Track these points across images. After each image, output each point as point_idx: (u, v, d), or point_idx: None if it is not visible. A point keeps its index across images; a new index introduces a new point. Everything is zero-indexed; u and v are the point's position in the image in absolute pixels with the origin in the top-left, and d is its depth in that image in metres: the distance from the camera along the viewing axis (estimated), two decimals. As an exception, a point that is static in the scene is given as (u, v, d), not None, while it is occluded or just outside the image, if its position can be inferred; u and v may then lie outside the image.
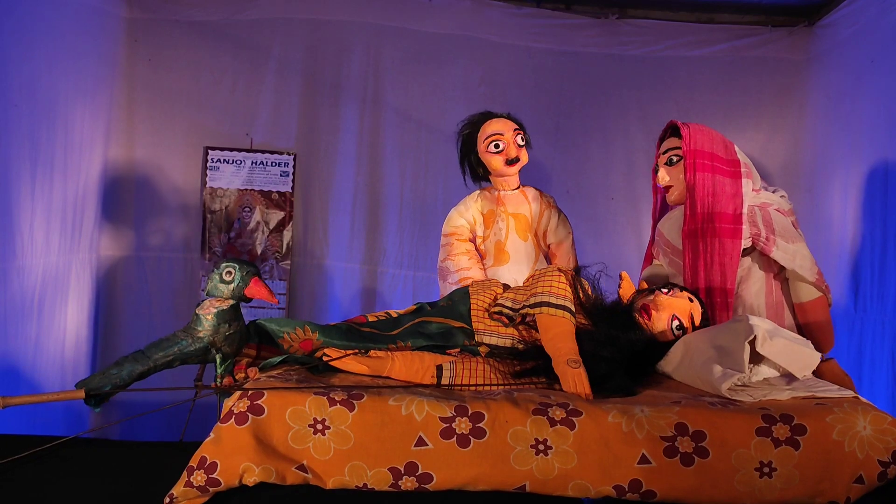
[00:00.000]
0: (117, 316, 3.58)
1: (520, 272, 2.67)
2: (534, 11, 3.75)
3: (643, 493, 1.43)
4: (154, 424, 3.07)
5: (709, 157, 2.36)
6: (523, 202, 2.75)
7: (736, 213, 2.28)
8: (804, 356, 1.67)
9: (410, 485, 1.43)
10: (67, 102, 2.96)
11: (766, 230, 2.27)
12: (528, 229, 2.73)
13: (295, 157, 3.67)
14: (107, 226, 3.51)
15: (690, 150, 2.34)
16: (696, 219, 2.29)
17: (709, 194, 2.30)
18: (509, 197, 2.75)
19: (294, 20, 3.64)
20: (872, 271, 3.07)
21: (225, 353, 1.72)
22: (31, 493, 1.47)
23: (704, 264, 2.25)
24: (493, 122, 2.68)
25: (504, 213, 2.73)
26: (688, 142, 2.34)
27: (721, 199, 2.29)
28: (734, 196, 2.31)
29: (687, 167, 2.33)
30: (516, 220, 2.73)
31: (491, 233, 2.74)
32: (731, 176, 2.35)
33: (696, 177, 2.31)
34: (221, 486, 1.41)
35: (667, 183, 2.41)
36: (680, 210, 2.41)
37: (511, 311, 1.92)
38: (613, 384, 1.66)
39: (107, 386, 1.65)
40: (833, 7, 3.53)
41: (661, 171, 2.42)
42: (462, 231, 2.76)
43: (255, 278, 1.72)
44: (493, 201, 2.75)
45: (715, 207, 2.29)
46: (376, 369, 1.73)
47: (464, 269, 2.70)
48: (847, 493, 1.44)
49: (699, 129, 2.38)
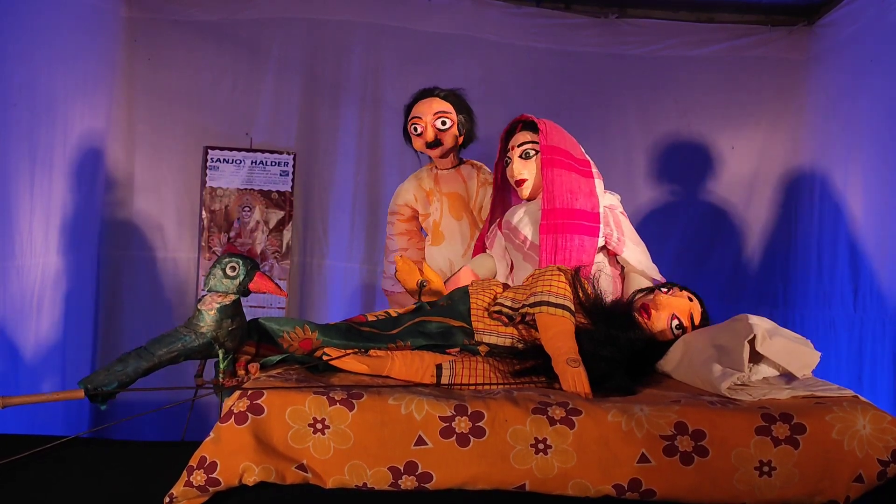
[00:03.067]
0: (117, 316, 3.58)
1: (454, 252, 2.68)
2: (533, 11, 3.76)
3: (643, 492, 1.43)
4: (154, 424, 3.07)
5: (566, 154, 2.35)
6: (458, 181, 2.74)
7: (594, 211, 2.29)
8: (804, 355, 1.67)
9: (410, 484, 1.43)
10: (67, 102, 2.96)
11: (618, 231, 2.31)
12: (462, 209, 2.71)
13: (295, 156, 3.67)
14: (107, 226, 3.51)
15: (549, 146, 2.32)
16: (556, 214, 2.26)
17: (568, 191, 2.28)
18: (444, 176, 2.74)
19: (294, 20, 3.65)
20: (872, 271, 3.07)
21: (227, 348, 1.71)
22: (32, 493, 1.47)
23: (564, 260, 2.22)
24: (420, 104, 2.65)
25: (438, 193, 2.74)
26: (546, 137, 2.33)
27: (580, 197, 2.28)
28: (590, 195, 2.31)
29: (545, 162, 2.30)
30: (450, 199, 2.72)
31: (430, 212, 2.76)
32: (585, 175, 2.35)
33: (555, 173, 2.29)
34: (221, 485, 1.41)
35: (522, 177, 2.37)
36: (534, 204, 2.38)
37: (511, 311, 1.92)
38: (613, 383, 1.66)
39: (113, 383, 1.62)
40: (833, 7, 3.53)
41: (515, 164, 2.38)
42: (403, 210, 2.78)
43: (259, 273, 1.71)
44: (433, 180, 2.75)
45: (574, 204, 2.27)
46: (376, 368, 1.74)
47: (402, 248, 2.75)
48: (847, 492, 1.44)
49: (554, 126, 2.38)
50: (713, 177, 3.83)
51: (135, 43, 3.54)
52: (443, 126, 2.62)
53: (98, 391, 1.61)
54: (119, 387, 1.63)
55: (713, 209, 3.82)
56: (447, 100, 2.66)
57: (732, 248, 3.82)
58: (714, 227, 3.82)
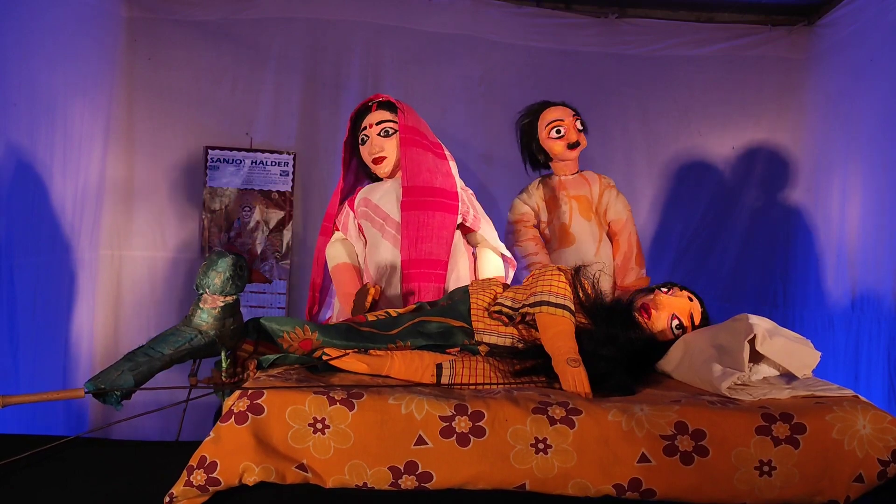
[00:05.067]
0: (117, 315, 3.58)
1: (587, 252, 2.80)
2: (534, 10, 3.76)
3: (643, 491, 1.43)
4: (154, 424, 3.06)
5: (423, 135, 2.44)
6: (583, 184, 2.87)
7: (452, 190, 2.40)
8: (804, 355, 1.67)
9: (410, 484, 1.43)
10: (67, 101, 2.96)
11: (473, 209, 2.45)
12: (590, 210, 2.84)
13: (295, 156, 3.67)
14: (107, 225, 3.51)
15: (408, 126, 2.40)
16: (417, 192, 2.34)
17: (427, 170, 2.37)
18: (570, 181, 2.87)
19: (294, 20, 3.65)
20: (870, 270, 3.07)
21: (227, 347, 1.71)
22: (32, 493, 1.47)
23: (426, 236, 2.31)
24: (553, 110, 2.82)
25: (566, 197, 2.85)
26: (406, 117, 2.41)
27: (438, 176, 2.38)
28: (448, 175, 2.43)
29: (405, 141, 2.39)
30: (578, 201, 2.85)
31: (554, 217, 2.86)
32: (440, 157, 2.46)
33: (414, 152, 2.38)
34: (221, 485, 1.41)
35: (383, 154, 2.44)
36: (394, 182, 2.45)
37: (511, 311, 1.91)
38: (613, 383, 1.66)
39: (131, 381, 1.57)
40: (832, 7, 3.53)
41: (374, 141, 2.44)
42: (527, 217, 2.88)
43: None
44: (555, 187, 2.88)
45: (434, 183, 2.37)
46: (376, 368, 1.73)
47: (531, 253, 2.81)
48: (846, 492, 1.44)
49: (410, 108, 2.47)
50: (713, 176, 3.83)
51: (135, 43, 3.54)
52: (581, 128, 2.81)
53: (113, 389, 1.57)
54: (135, 385, 1.59)
55: (713, 209, 3.82)
56: (569, 108, 2.85)
57: (732, 248, 3.82)
58: (714, 226, 3.81)
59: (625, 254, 2.84)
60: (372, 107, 2.48)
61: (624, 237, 2.85)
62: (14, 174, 2.57)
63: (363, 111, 2.50)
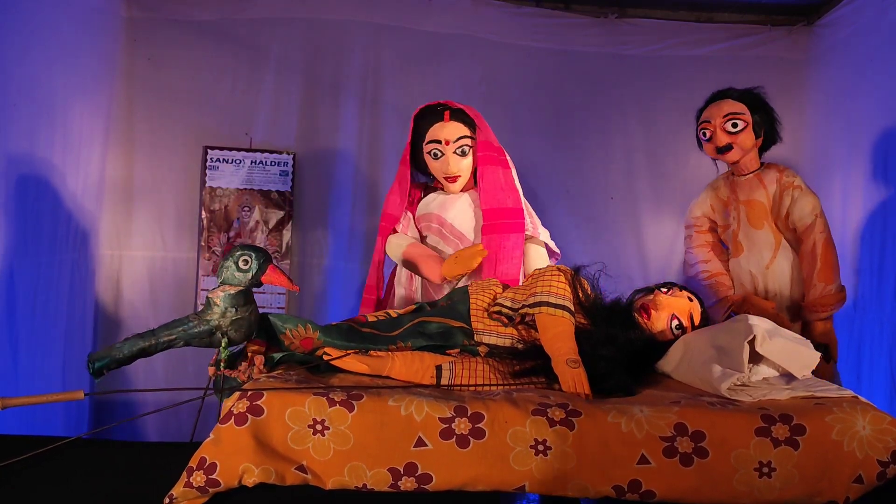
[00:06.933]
0: (117, 316, 3.58)
1: (757, 263, 2.58)
2: (533, 11, 3.75)
3: (642, 493, 1.43)
4: (154, 425, 3.07)
5: (496, 149, 2.35)
6: (757, 187, 2.58)
7: (518, 207, 2.34)
8: (803, 356, 1.68)
9: (410, 485, 1.43)
10: (67, 101, 2.96)
11: (530, 217, 2.40)
12: (763, 216, 2.57)
13: (294, 156, 3.67)
14: (106, 225, 3.51)
15: (485, 142, 2.30)
16: (493, 215, 2.31)
17: (500, 189, 2.31)
18: (742, 182, 2.62)
19: (294, 20, 3.64)
20: (871, 271, 3.07)
21: (231, 338, 1.70)
22: (32, 493, 1.47)
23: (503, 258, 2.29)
24: (708, 108, 2.57)
25: (735, 202, 2.63)
26: (482, 132, 2.31)
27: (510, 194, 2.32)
28: (512, 188, 2.35)
29: (483, 160, 2.30)
30: (748, 207, 2.59)
31: (726, 223, 2.67)
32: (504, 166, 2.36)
33: (490, 170, 2.31)
34: (221, 486, 1.42)
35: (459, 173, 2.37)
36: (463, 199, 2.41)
37: (510, 311, 1.92)
38: (613, 384, 1.66)
39: (105, 359, 1.68)
40: (832, 6, 3.53)
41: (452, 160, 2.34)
42: (700, 222, 2.71)
43: (272, 265, 1.71)
44: (726, 189, 2.66)
45: (507, 203, 2.31)
46: (376, 369, 1.74)
47: (700, 261, 2.66)
48: (846, 493, 1.44)
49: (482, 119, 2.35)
50: (713, 176, 3.81)
51: (135, 43, 3.54)
52: (734, 129, 2.51)
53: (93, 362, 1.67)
54: (112, 362, 1.68)
55: (713, 209, 3.81)
56: (741, 100, 2.55)
57: (732, 248, 3.81)
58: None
59: (808, 265, 2.52)
60: (444, 115, 2.36)
61: (807, 245, 2.52)
62: (14, 174, 2.57)
63: (431, 115, 2.38)
